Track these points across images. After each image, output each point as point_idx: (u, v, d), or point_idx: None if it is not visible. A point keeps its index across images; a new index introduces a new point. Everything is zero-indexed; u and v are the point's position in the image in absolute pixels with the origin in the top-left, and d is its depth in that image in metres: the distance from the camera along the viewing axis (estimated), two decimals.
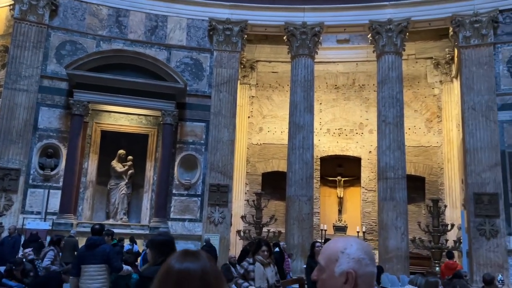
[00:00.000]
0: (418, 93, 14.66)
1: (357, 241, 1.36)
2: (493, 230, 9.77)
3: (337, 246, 1.33)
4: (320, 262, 1.33)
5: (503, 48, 10.77)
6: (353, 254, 1.29)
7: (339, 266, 1.28)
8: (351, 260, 1.28)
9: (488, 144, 10.35)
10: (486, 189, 10.14)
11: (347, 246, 1.31)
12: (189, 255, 1.20)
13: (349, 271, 1.27)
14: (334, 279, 1.28)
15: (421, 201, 14.13)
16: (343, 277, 1.27)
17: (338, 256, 1.30)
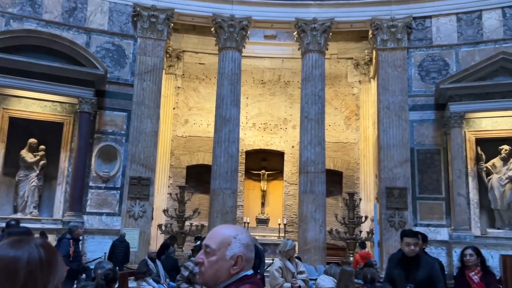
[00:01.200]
0: (339, 92, 15.34)
1: (244, 229, 1.55)
2: (402, 222, 10.54)
3: (230, 232, 1.47)
4: (209, 246, 1.45)
5: (415, 53, 11.61)
6: (243, 240, 1.46)
7: (231, 250, 1.43)
8: (242, 245, 1.44)
9: (400, 141, 11.12)
10: (396, 183, 10.90)
11: (238, 233, 1.47)
12: (16, 242, 1.11)
13: (240, 255, 1.42)
14: (225, 261, 1.42)
15: (338, 194, 14.85)
16: (233, 260, 1.42)
17: (230, 241, 1.44)
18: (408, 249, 3.58)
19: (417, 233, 3.76)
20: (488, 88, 10.28)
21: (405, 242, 3.61)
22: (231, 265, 1.42)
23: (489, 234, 10.16)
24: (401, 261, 3.69)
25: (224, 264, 1.42)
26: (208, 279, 1.44)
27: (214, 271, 1.43)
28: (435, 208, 10.73)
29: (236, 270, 1.42)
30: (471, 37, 11.18)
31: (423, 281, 3.50)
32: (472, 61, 10.84)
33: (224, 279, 1.42)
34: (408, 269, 3.61)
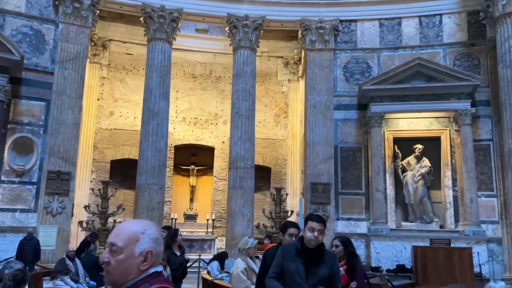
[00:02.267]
0: (269, 89, 15.60)
1: (152, 223, 1.48)
2: (325, 216, 10.95)
3: (137, 228, 1.40)
4: (116, 244, 1.37)
5: (341, 55, 12.14)
6: (152, 235, 1.39)
7: (139, 246, 1.36)
8: (151, 240, 1.38)
9: (325, 139, 11.57)
10: (321, 179, 11.33)
11: (146, 228, 1.40)
12: None
13: (149, 250, 1.36)
14: (134, 259, 1.36)
15: (266, 189, 15.13)
16: (142, 256, 1.36)
17: (139, 236, 1.37)
18: (311, 235, 2.86)
19: (324, 220, 3.08)
20: (405, 91, 11.03)
21: (309, 227, 2.90)
22: (141, 261, 1.36)
23: (403, 227, 10.94)
24: (299, 253, 2.93)
25: (133, 262, 1.35)
26: (116, 279, 1.37)
27: (122, 270, 1.35)
28: (356, 203, 11.33)
29: (146, 267, 1.36)
30: (392, 42, 11.93)
31: (324, 278, 2.90)
32: (392, 65, 11.57)
33: (134, 277, 1.35)
34: (308, 263, 2.91)
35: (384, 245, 10.48)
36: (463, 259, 8.37)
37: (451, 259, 8.25)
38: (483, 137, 10.86)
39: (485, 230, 10.25)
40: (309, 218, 2.99)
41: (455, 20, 11.59)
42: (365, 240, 10.93)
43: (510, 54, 9.77)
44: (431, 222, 10.81)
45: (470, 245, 9.63)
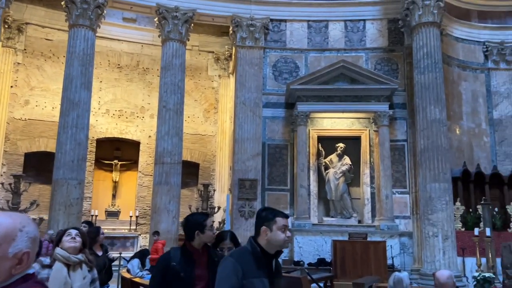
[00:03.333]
0: (199, 84, 15.41)
1: (28, 218, 1.25)
2: (251, 212, 11.11)
3: (14, 223, 1.16)
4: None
5: (271, 53, 12.31)
6: (31, 233, 1.17)
7: (15, 246, 1.14)
8: (29, 239, 1.17)
9: (253, 136, 11.68)
10: (248, 175, 11.43)
11: (25, 224, 1.17)
12: None
13: (27, 251, 1.15)
14: (5, 260, 1.13)
15: (194, 185, 14.94)
16: (16, 258, 1.14)
17: (16, 234, 1.15)
18: (284, 236, 2.30)
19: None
20: (330, 92, 11.46)
21: (279, 226, 2.29)
22: (14, 264, 1.14)
23: (324, 222, 11.39)
24: (260, 263, 2.28)
25: (5, 264, 1.13)
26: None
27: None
28: (281, 199, 11.58)
29: (19, 270, 1.15)
30: (319, 44, 12.34)
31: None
32: (319, 66, 11.97)
33: (1, 281, 1.14)
34: (270, 275, 2.31)
35: (306, 239, 10.84)
36: (377, 252, 8.90)
37: (367, 252, 8.74)
38: (399, 137, 11.63)
39: (398, 225, 11.00)
40: (275, 215, 2.33)
41: (377, 27, 12.27)
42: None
43: (424, 61, 10.54)
44: (351, 217, 11.37)
45: (385, 239, 10.27)
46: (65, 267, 2.76)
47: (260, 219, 2.37)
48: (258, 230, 2.36)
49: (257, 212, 2.48)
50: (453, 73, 12.51)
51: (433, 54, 10.51)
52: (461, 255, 9.94)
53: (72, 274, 2.77)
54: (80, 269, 2.82)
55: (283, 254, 11.02)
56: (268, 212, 2.40)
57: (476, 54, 12.93)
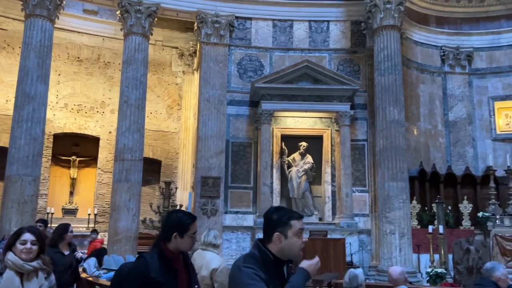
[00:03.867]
0: (162, 80, 15.16)
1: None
2: (214, 210, 11.05)
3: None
4: None
5: (236, 51, 12.28)
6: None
7: None
8: None
9: (217, 133, 11.62)
10: (211, 173, 11.36)
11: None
12: None
13: None
14: None
15: (156, 183, 14.70)
16: None
17: None
18: (300, 242, 2.08)
19: None
20: (293, 91, 11.57)
21: (295, 231, 2.04)
22: None
23: None
24: (272, 270, 2.02)
25: None
26: None
27: None
28: (244, 197, 11.59)
29: None
30: (283, 43, 12.42)
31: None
32: (283, 65, 12.05)
33: None
34: (283, 282, 2.06)
35: None
36: (337, 249, 9.08)
37: (327, 250, 8.90)
38: (359, 137, 11.90)
39: (357, 222, 11.27)
40: (290, 217, 2.05)
41: (340, 28, 12.49)
42: (251, 233, 11.25)
43: (385, 64, 10.84)
44: (312, 215, 11.54)
45: (344, 236, 10.50)
46: (17, 276, 2.42)
47: (272, 223, 2.04)
48: (269, 235, 2.04)
49: (267, 214, 2.12)
50: (412, 76, 12.93)
51: (393, 57, 10.81)
52: (416, 251, 10.31)
53: (26, 284, 2.44)
54: (36, 278, 2.48)
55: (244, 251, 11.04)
56: (280, 214, 2.06)
57: (433, 58, 13.43)
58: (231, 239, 11.27)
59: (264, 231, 2.11)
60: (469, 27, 13.44)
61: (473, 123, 13.16)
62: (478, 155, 12.95)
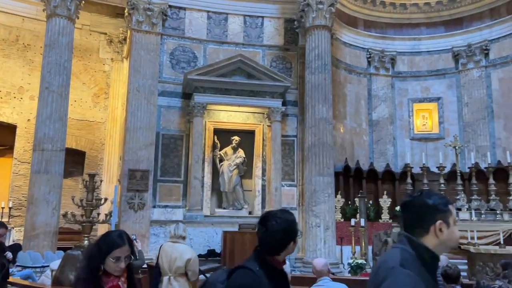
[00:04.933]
0: (89, 66, 14.36)
1: None
2: (141, 203, 10.72)
3: None
4: None
5: (168, 41, 11.96)
6: None
7: None
8: None
9: (147, 125, 11.25)
10: (140, 166, 10.99)
11: None
12: None
13: None
14: None
15: (79, 175, 13.94)
16: None
17: None
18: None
19: None
20: (227, 85, 11.54)
21: (455, 217, 1.77)
22: None
23: (216, 214, 11.48)
24: (432, 270, 1.72)
25: None
26: None
27: None
28: (174, 190, 11.38)
29: None
30: (218, 36, 12.32)
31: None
32: (217, 58, 11.95)
33: None
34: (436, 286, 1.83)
35: (197, 231, 10.83)
36: None
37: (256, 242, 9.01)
38: (290, 133, 12.19)
39: None
40: (447, 202, 1.76)
41: (274, 25, 12.66)
42: None
43: (315, 62, 11.17)
44: (242, 209, 11.64)
45: None
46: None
47: (429, 210, 1.69)
48: (424, 225, 1.69)
49: (416, 199, 1.75)
50: (340, 76, 13.48)
51: (323, 56, 11.18)
52: (339, 244, 10.82)
53: None
54: None
55: None
56: (437, 199, 1.73)
57: (360, 60, 14.11)
58: (159, 233, 11.02)
59: (415, 221, 1.72)
60: (393, 32, 14.29)
61: (394, 123, 14.05)
62: (398, 153, 13.87)
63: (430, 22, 14.16)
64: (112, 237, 2.29)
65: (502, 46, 13.13)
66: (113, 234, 2.35)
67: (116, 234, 2.36)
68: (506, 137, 12.86)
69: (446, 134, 13.56)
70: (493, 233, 10.00)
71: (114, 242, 2.25)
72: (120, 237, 2.29)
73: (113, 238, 2.28)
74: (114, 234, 2.35)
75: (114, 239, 2.26)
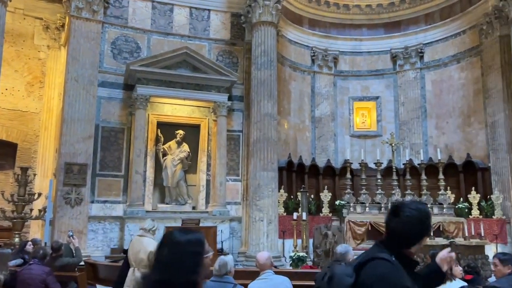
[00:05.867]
0: (22, 53, 13.44)
1: None
2: (78, 199, 10.25)
3: None
4: None
5: (110, 29, 11.49)
6: None
7: None
8: None
9: (86, 116, 10.75)
10: (77, 159, 10.49)
11: None
12: None
13: None
14: None
15: (10, 168, 13.05)
16: None
17: None
18: None
19: None
20: (172, 77, 11.31)
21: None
22: None
23: (158, 209, 11.25)
24: None
25: None
26: None
27: None
28: (114, 185, 10.99)
29: None
30: (163, 27, 12.03)
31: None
32: (162, 50, 11.68)
33: None
34: None
35: (138, 227, 10.46)
36: (208, 236, 9.19)
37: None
38: (235, 128, 12.20)
39: (229, 210, 11.57)
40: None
41: (221, 18, 12.57)
42: (120, 223, 10.75)
43: (261, 58, 11.25)
44: (185, 204, 11.50)
45: (216, 224, 10.70)
46: None
47: None
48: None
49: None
50: (285, 72, 13.68)
51: (269, 53, 11.28)
52: (281, 237, 11.02)
53: None
54: None
55: (112, 242, 10.52)
56: None
57: (305, 57, 14.41)
58: (98, 229, 10.62)
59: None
60: (336, 32, 14.72)
61: (335, 120, 14.51)
62: (338, 149, 14.35)
63: (371, 24, 14.75)
64: None
65: (435, 49, 13.97)
66: None
67: None
68: (437, 135, 13.74)
69: (383, 131, 14.23)
70: None
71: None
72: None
73: None
74: None
75: None
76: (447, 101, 13.63)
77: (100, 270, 6.83)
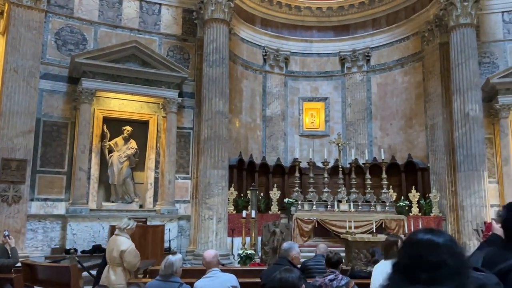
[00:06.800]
0: None
1: None
2: (17, 196, 9.69)
3: None
4: None
5: (54, 19, 10.95)
6: None
7: None
8: None
9: (26, 110, 10.18)
10: (16, 155, 9.92)
11: None
12: None
13: None
14: None
15: None
16: None
17: None
18: None
19: None
20: (120, 71, 10.96)
21: None
22: None
23: (103, 207, 10.87)
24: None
25: None
26: None
27: None
28: (56, 182, 10.50)
29: None
30: (111, 19, 11.63)
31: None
32: (109, 43, 11.29)
33: None
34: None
35: (82, 226, 10.14)
36: (156, 235, 9.02)
37: (146, 236, 8.75)
38: (186, 125, 12.05)
39: (178, 209, 11.41)
40: None
41: (172, 13, 12.35)
42: (62, 222, 10.28)
43: (213, 56, 11.17)
44: (132, 202, 11.20)
45: (164, 222, 10.51)
46: None
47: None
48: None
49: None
50: (237, 71, 13.70)
51: (221, 50, 11.23)
52: (231, 235, 11.02)
53: None
54: None
55: (53, 242, 10.05)
56: None
57: (257, 57, 14.50)
58: (37, 229, 10.10)
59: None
60: (288, 32, 14.93)
61: (285, 119, 14.73)
62: (288, 148, 14.59)
63: (321, 26, 15.10)
64: None
65: (381, 54, 14.56)
66: None
67: None
68: (381, 136, 14.33)
69: (331, 131, 14.63)
70: (367, 223, 11.08)
71: None
72: None
73: None
74: None
75: None
76: (391, 103, 14.25)
77: (38, 271, 6.49)
